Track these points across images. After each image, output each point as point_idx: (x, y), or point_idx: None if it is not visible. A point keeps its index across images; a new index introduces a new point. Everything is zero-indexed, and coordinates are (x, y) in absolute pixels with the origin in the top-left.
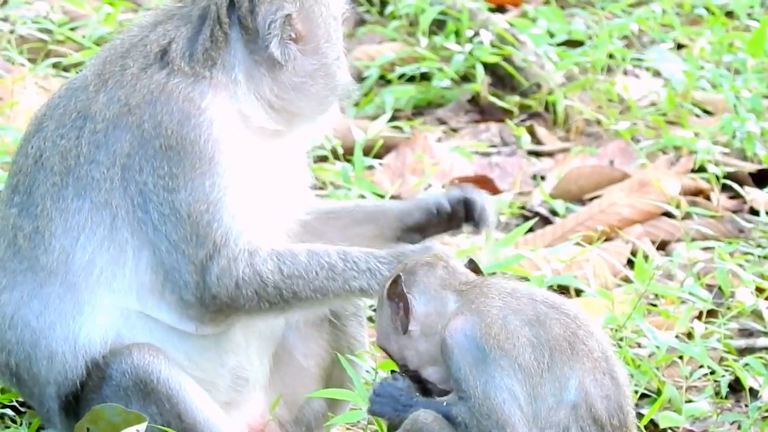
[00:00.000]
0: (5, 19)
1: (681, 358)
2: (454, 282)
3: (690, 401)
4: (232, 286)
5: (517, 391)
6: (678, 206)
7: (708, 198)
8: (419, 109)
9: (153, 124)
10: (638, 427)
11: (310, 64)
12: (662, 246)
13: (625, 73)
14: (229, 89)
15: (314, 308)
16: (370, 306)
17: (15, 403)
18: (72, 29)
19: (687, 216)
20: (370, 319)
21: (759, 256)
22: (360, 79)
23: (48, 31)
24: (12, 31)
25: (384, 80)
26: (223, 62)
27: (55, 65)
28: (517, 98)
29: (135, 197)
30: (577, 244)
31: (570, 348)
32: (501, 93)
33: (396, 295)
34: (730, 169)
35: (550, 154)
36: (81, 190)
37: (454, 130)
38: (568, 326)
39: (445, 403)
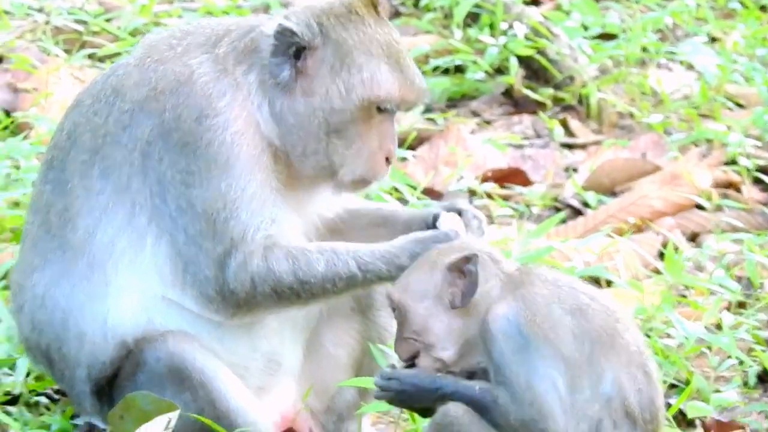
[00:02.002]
0: (40, 10)
1: (709, 348)
2: (499, 268)
3: (718, 391)
4: (249, 282)
5: (559, 381)
6: (709, 198)
7: (739, 190)
8: (453, 101)
9: (173, 115)
10: (667, 418)
11: (302, 105)
12: (693, 238)
13: (659, 66)
14: (248, 92)
15: (333, 301)
16: None
17: (49, 391)
18: (107, 20)
19: (718, 208)
20: None
21: None
22: None
23: (83, 22)
24: (47, 22)
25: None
26: (249, 66)
27: (90, 56)
28: (550, 91)
29: (153, 185)
30: (608, 235)
31: (610, 340)
32: (535, 85)
33: (462, 269)
34: (762, 162)
35: (582, 147)
36: (105, 170)
37: (488, 122)
38: (608, 319)
39: (477, 388)
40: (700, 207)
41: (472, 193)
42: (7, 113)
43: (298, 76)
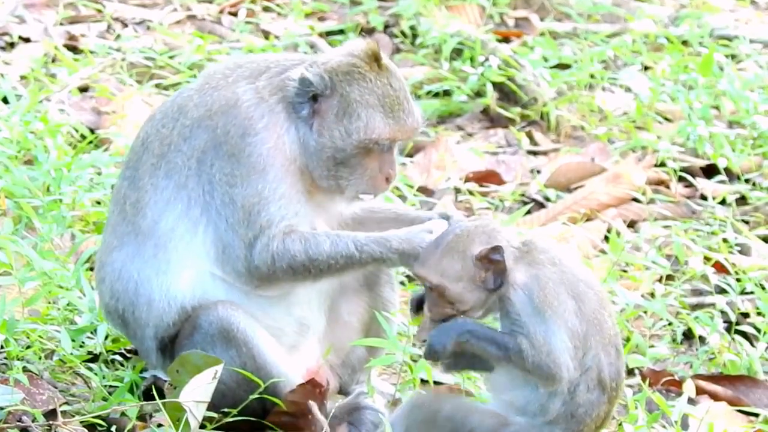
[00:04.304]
0: (118, 49)
1: (645, 312)
2: (509, 242)
3: (652, 347)
4: (270, 259)
5: (568, 343)
6: (644, 193)
7: (668, 187)
8: (442, 118)
9: (223, 131)
10: None
11: (316, 141)
12: (631, 225)
13: (603, 89)
14: (279, 118)
15: (338, 278)
16: (402, 272)
17: (123, 351)
18: (171, 57)
19: (651, 201)
20: (402, 283)
21: (707, 233)
22: None
23: (152, 59)
24: (123, 59)
25: (415, 96)
26: (280, 98)
27: (157, 86)
28: (518, 109)
29: (205, 185)
30: (564, 223)
31: (598, 324)
32: (506, 105)
33: (490, 260)
34: (685, 164)
35: (544, 153)
36: (169, 171)
37: (470, 135)
38: (598, 305)
39: (502, 333)
40: (637, 200)
41: (457, 191)
42: (92, 131)
43: (315, 115)
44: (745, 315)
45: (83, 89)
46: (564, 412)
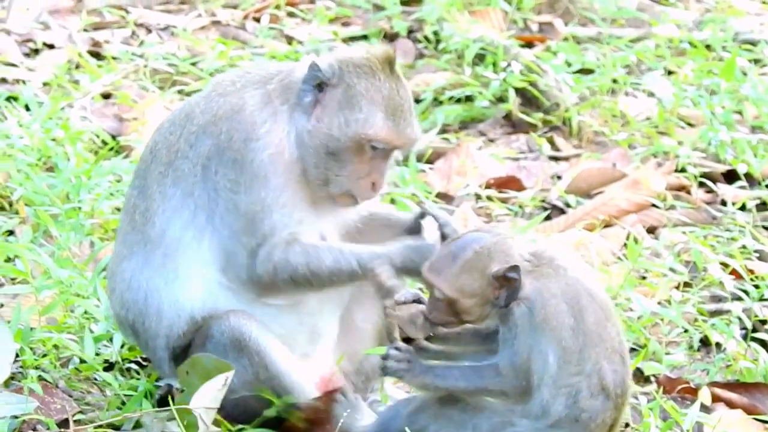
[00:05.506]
0: (141, 56)
1: (662, 320)
2: (520, 255)
3: (669, 353)
4: (271, 269)
5: (551, 360)
6: (664, 199)
7: (689, 192)
8: (464, 124)
9: (227, 138)
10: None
11: (313, 128)
12: (651, 231)
13: (626, 94)
14: (281, 121)
15: (339, 289)
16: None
17: (139, 359)
18: (193, 63)
19: (671, 207)
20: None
21: (727, 239)
22: (417, 101)
23: (174, 65)
24: (146, 66)
25: (437, 101)
26: (286, 99)
27: (179, 92)
28: (540, 115)
29: (210, 192)
30: (584, 229)
31: (598, 335)
32: (528, 111)
33: (506, 278)
34: (706, 170)
35: (565, 159)
36: (176, 179)
37: (491, 141)
38: (600, 316)
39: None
40: (657, 206)
41: (477, 197)
42: (113, 137)
43: (317, 104)
44: (763, 322)
45: (106, 96)
46: (567, 417)
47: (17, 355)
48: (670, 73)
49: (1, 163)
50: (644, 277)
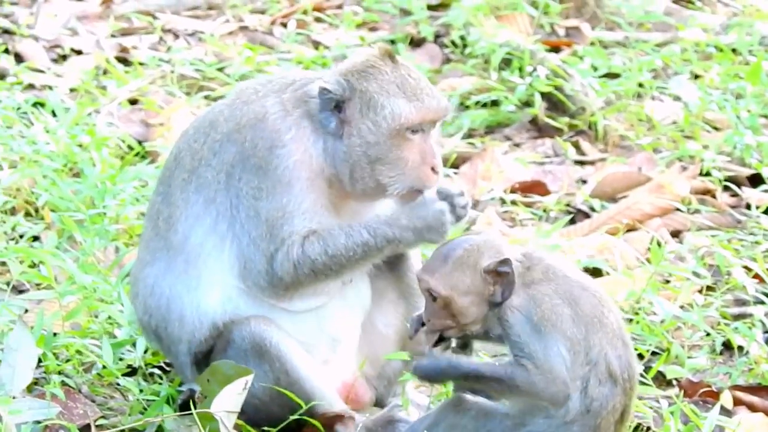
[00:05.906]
0: (168, 61)
1: (685, 323)
2: (517, 261)
3: (691, 357)
4: (292, 268)
5: (565, 355)
6: (689, 203)
7: (713, 196)
8: (490, 129)
9: (251, 145)
10: (651, 378)
11: (347, 146)
12: (676, 235)
13: (652, 98)
14: (305, 131)
15: (358, 270)
16: None
17: (162, 364)
18: (220, 69)
19: (696, 211)
20: None
21: (751, 243)
22: None
23: (201, 71)
24: (173, 71)
25: (463, 106)
26: (303, 112)
27: (206, 97)
28: (566, 119)
29: (232, 199)
30: (607, 233)
31: (598, 322)
32: (554, 115)
33: (498, 272)
34: (731, 174)
35: (591, 163)
36: (199, 186)
37: (517, 145)
38: (596, 304)
39: (499, 365)
40: (681, 210)
41: (502, 202)
42: (140, 143)
43: (343, 124)
44: None
45: (133, 101)
46: (579, 409)
47: (40, 361)
48: (696, 77)
49: (27, 169)
50: (668, 281)
